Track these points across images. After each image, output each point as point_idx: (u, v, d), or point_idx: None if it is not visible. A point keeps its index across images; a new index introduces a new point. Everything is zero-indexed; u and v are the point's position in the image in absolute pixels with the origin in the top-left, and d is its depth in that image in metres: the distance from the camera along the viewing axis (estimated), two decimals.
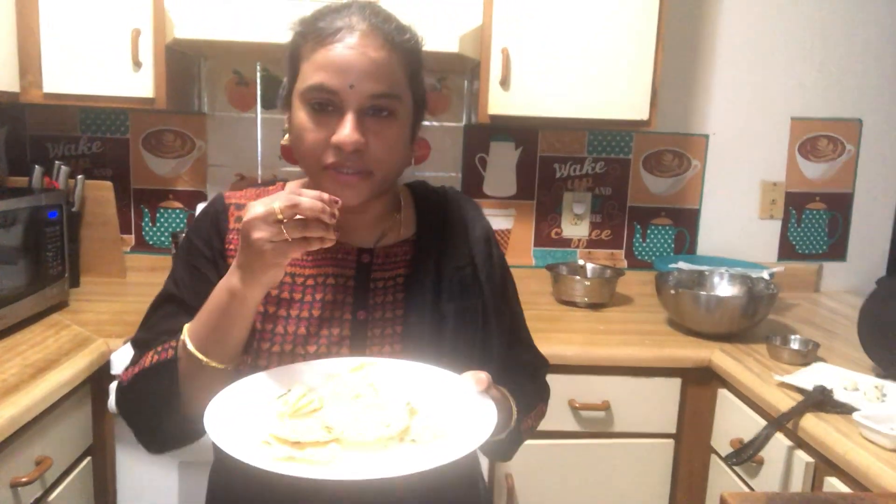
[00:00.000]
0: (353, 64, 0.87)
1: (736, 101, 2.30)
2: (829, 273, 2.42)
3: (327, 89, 0.87)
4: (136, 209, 2.22)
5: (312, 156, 0.90)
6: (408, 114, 0.94)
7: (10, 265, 1.63)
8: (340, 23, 0.89)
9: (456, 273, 0.99)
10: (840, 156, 2.36)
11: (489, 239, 1.05)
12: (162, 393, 0.89)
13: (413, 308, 0.96)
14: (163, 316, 0.97)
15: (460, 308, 0.97)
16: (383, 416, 0.78)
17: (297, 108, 0.91)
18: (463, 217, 1.05)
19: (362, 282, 0.97)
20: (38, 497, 1.32)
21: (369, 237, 1.00)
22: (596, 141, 2.29)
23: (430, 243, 1.01)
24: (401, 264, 0.99)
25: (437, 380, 0.87)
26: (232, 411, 0.79)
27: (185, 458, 1.53)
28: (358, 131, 0.87)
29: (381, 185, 0.94)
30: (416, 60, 0.96)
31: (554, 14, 1.86)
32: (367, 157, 0.89)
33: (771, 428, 1.34)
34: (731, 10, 2.25)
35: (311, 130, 0.89)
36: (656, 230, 2.35)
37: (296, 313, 0.94)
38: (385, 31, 0.90)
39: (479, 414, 0.80)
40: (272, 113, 2.20)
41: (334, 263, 0.98)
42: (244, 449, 0.73)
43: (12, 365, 1.40)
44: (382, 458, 0.75)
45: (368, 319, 0.95)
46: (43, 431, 1.33)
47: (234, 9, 1.71)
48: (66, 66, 1.78)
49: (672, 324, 1.91)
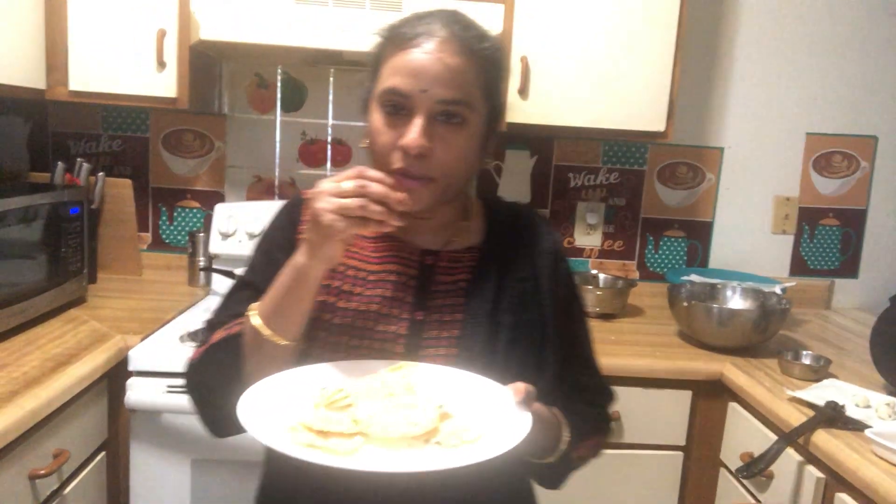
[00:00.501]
0: (428, 69, 0.88)
1: (751, 115, 2.31)
2: (841, 290, 2.42)
3: (400, 93, 0.89)
4: (153, 208, 2.24)
5: (381, 157, 0.92)
6: (479, 123, 0.94)
7: (30, 260, 1.65)
8: (421, 28, 0.91)
9: (517, 285, 0.98)
10: (854, 172, 2.37)
11: (556, 254, 1.03)
12: (227, 368, 0.92)
13: (470, 315, 0.96)
14: (236, 300, 1.01)
15: (517, 321, 0.96)
16: (412, 415, 0.79)
17: (374, 111, 0.94)
18: (532, 230, 1.04)
19: (424, 283, 0.98)
20: (54, 490, 1.34)
21: (435, 241, 1.01)
22: (611, 151, 2.30)
23: (495, 252, 1.01)
24: (464, 270, 1.00)
25: (477, 388, 0.86)
26: (271, 397, 0.81)
27: (198, 455, 1.56)
28: (424, 136, 0.88)
29: (445, 192, 0.94)
30: (495, 70, 0.96)
31: (574, 24, 1.88)
32: (432, 162, 0.90)
33: (782, 442, 1.34)
34: (749, 25, 2.26)
35: (383, 133, 0.91)
36: (669, 242, 2.36)
37: (354, 306, 0.95)
38: (464, 38, 0.91)
39: (512, 424, 0.79)
40: (291, 116, 2.22)
41: (398, 262, 0.98)
42: (268, 431, 0.74)
43: (33, 358, 1.42)
44: (404, 455, 0.75)
45: (426, 321, 0.95)
46: (61, 425, 1.35)
47: (258, 12, 1.73)
48: (92, 65, 1.81)
49: (683, 336, 1.92)
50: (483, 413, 0.82)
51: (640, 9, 1.88)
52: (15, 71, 1.68)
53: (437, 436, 0.78)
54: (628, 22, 1.89)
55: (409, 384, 0.84)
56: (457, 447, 0.76)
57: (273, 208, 2.10)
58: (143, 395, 1.52)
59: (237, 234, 2.06)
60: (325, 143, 2.24)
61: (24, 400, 1.22)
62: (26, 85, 1.73)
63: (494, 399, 0.84)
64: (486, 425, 0.80)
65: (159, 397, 1.53)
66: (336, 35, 1.75)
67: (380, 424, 0.77)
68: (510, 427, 0.78)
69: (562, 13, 1.87)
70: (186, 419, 1.54)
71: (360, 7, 1.76)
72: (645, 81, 1.91)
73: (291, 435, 0.76)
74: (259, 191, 2.25)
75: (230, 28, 1.74)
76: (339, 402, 0.80)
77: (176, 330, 1.71)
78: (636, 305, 2.20)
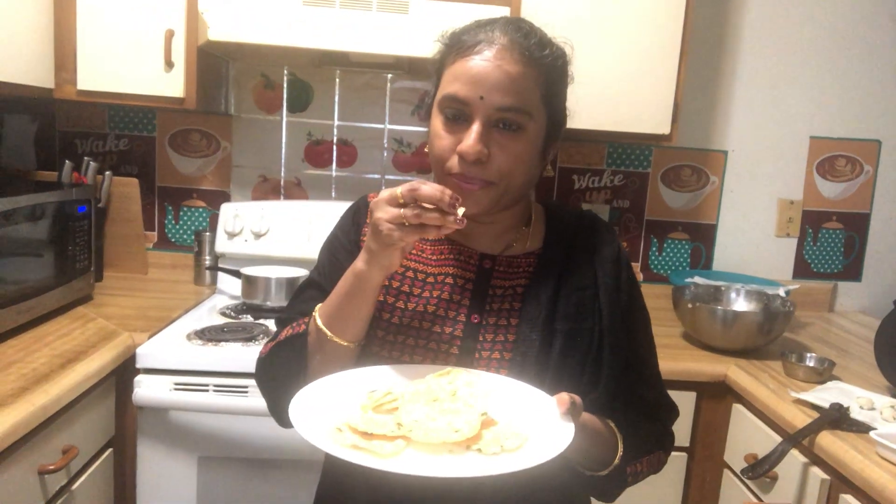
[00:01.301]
0: (487, 76, 0.89)
1: (755, 119, 2.32)
2: (844, 293, 2.43)
3: (459, 100, 0.90)
4: (159, 207, 2.25)
5: (439, 162, 0.93)
6: (539, 130, 0.94)
7: (38, 257, 1.66)
8: (482, 36, 0.91)
9: (575, 293, 0.97)
10: (858, 176, 2.38)
11: (618, 262, 1.01)
12: (293, 364, 0.95)
13: (526, 320, 0.95)
14: (304, 300, 1.04)
15: (574, 328, 0.95)
16: (455, 421, 0.79)
17: (435, 116, 0.94)
18: (593, 237, 1.03)
19: (481, 286, 0.98)
20: (62, 485, 1.35)
21: (494, 246, 1.01)
22: (615, 154, 2.31)
23: (554, 259, 1.00)
24: (522, 275, 1.00)
25: (524, 396, 0.86)
26: (324, 397, 0.84)
27: (205, 452, 1.57)
28: (481, 142, 0.89)
29: (503, 198, 0.94)
30: (556, 77, 0.96)
31: (579, 26, 1.89)
32: (490, 168, 0.90)
33: (787, 444, 1.35)
34: (753, 29, 2.27)
35: (442, 138, 0.92)
36: (673, 244, 2.37)
37: (412, 306, 0.97)
38: (524, 45, 0.91)
39: (554, 436, 0.78)
40: (297, 116, 2.23)
41: (455, 265, 1.00)
42: (314, 430, 0.76)
43: (41, 355, 1.43)
44: (443, 460, 0.76)
45: (482, 324, 0.96)
46: (69, 421, 1.36)
47: (265, 13, 1.74)
48: (101, 65, 1.82)
49: (687, 338, 1.93)
50: (527, 422, 0.82)
51: (646, 13, 1.89)
52: (23, 70, 1.69)
53: (478, 442, 0.78)
54: (634, 25, 1.90)
55: (454, 390, 0.84)
56: (497, 455, 0.77)
57: (276, 208, 2.13)
58: (151, 392, 1.53)
59: (243, 233, 2.07)
60: (330, 143, 2.25)
61: (34, 396, 1.23)
62: (34, 84, 1.74)
63: (540, 409, 0.83)
64: (529, 435, 0.80)
65: (166, 394, 1.53)
66: (342, 36, 1.76)
67: (422, 429, 0.78)
68: (552, 438, 0.78)
69: (567, 16, 1.88)
70: (193, 416, 1.55)
71: (366, 9, 1.77)
72: (650, 84, 1.92)
73: (337, 435, 0.77)
74: (265, 191, 2.26)
75: (238, 29, 1.75)
76: (385, 404, 0.82)
77: (183, 328, 1.72)
78: None
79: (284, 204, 2.14)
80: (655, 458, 1.02)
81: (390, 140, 2.27)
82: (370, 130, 2.25)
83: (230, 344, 1.62)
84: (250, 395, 1.54)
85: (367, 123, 2.25)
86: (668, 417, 1.08)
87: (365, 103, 2.24)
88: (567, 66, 1.00)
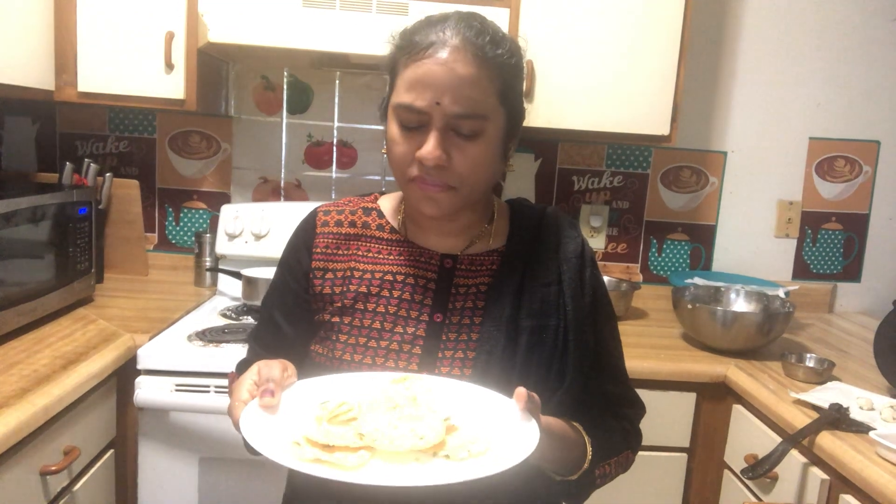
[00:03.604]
0: (441, 81, 0.88)
1: (755, 120, 2.32)
2: (843, 294, 2.43)
3: (415, 110, 0.89)
4: (160, 208, 2.25)
5: (399, 168, 0.93)
6: (497, 130, 0.93)
7: (39, 259, 1.66)
8: (434, 37, 0.90)
9: (539, 289, 0.97)
10: (857, 177, 2.38)
11: (582, 257, 1.01)
12: None
13: (490, 318, 0.95)
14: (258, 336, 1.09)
15: (538, 325, 0.95)
16: (418, 428, 0.77)
17: (391, 120, 0.94)
18: (557, 234, 1.02)
19: (443, 286, 0.98)
20: (64, 486, 1.35)
21: (456, 244, 1.01)
22: (615, 155, 2.31)
23: (518, 256, 0.99)
24: (485, 273, 0.99)
25: (484, 400, 0.85)
26: (268, 416, 0.80)
27: (205, 453, 1.57)
28: (440, 148, 0.88)
29: (466, 200, 0.94)
30: (511, 74, 0.94)
31: (579, 28, 1.89)
32: (450, 173, 0.90)
33: (787, 444, 1.35)
34: (753, 30, 2.28)
35: (400, 144, 0.91)
36: (672, 245, 2.37)
37: (372, 307, 0.96)
38: (477, 45, 0.89)
39: (519, 437, 0.77)
40: (297, 118, 2.23)
41: (416, 265, 0.99)
42: (273, 447, 0.73)
43: (43, 356, 1.43)
44: (411, 469, 0.74)
45: (445, 323, 0.95)
46: (71, 422, 1.36)
47: (266, 14, 1.75)
48: (101, 67, 1.82)
49: (687, 338, 1.93)
50: (490, 425, 0.80)
51: (645, 13, 1.90)
52: (24, 72, 1.70)
53: (444, 449, 0.76)
54: (633, 26, 1.90)
55: (413, 396, 0.82)
56: (465, 460, 0.75)
57: (277, 210, 2.13)
58: (152, 393, 1.53)
59: (243, 234, 2.07)
60: (330, 145, 2.25)
61: (36, 397, 1.23)
62: (35, 86, 1.74)
63: (501, 412, 0.82)
64: (494, 438, 0.78)
65: (167, 396, 1.53)
66: (342, 38, 1.76)
67: (387, 438, 0.75)
68: (518, 439, 0.77)
69: (567, 17, 1.88)
70: (194, 417, 1.55)
71: (366, 10, 1.77)
72: (649, 85, 1.93)
73: (295, 450, 0.74)
74: (265, 192, 2.26)
75: (238, 30, 1.75)
76: (342, 415, 0.79)
77: (184, 329, 1.72)
78: (640, 308, 2.21)
79: (285, 205, 2.14)
80: (624, 457, 1.02)
81: None
82: (370, 132, 2.26)
83: (231, 345, 1.62)
84: None
85: (367, 125, 2.26)
86: (636, 415, 1.08)
87: (365, 104, 2.24)
88: (522, 61, 0.97)
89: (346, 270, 0.99)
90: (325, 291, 0.99)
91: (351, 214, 1.04)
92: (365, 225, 1.03)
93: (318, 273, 1.00)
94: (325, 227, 1.03)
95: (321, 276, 1.00)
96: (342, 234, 1.02)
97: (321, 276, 1.00)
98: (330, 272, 1.00)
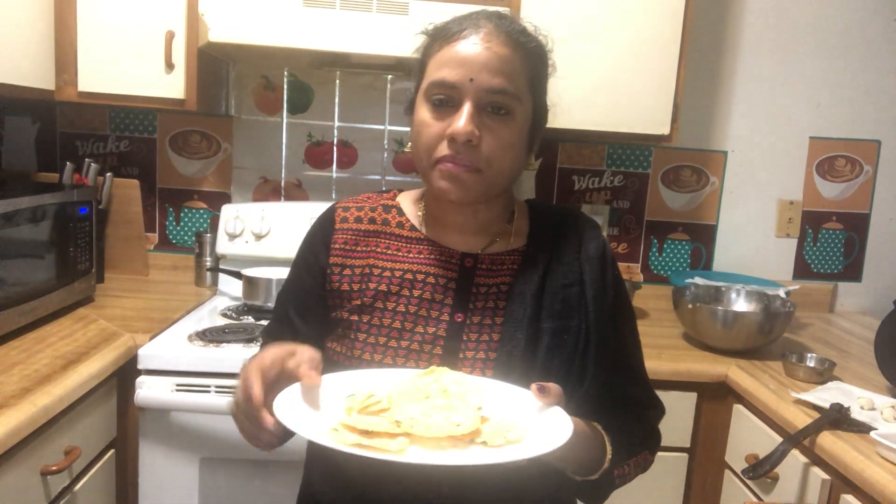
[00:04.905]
0: (476, 57, 0.89)
1: (755, 119, 2.32)
2: (844, 293, 2.43)
3: (448, 84, 0.89)
4: (160, 208, 2.25)
5: (427, 150, 0.92)
6: (526, 118, 0.94)
7: (39, 259, 1.66)
8: (467, 23, 0.92)
9: (561, 290, 0.96)
10: (857, 176, 2.38)
11: (604, 258, 1.00)
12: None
13: (511, 318, 0.94)
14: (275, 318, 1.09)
15: (559, 327, 0.94)
16: (453, 416, 0.78)
17: (420, 106, 0.94)
18: (578, 234, 1.01)
19: (464, 285, 0.97)
20: (65, 486, 1.35)
21: (476, 243, 1.00)
22: (615, 154, 2.31)
23: (539, 256, 0.99)
24: (506, 273, 0.98)
25: (510, 394, 0.86)
26: (300, 405, 0.81)
27: (206, 453, 1.57)
28: (472, 123, 0.88)
29: (490, 186, 0.93)
30: (541, 66, 0.97)
31: (580, 27, 1.89)
32: (479, 152, 0.89)
33: (788, 444, 1.35)
34: (753, 30, 2.28)
35: (431, 125, 0.91)
36: (673, 245, 2.37)
37: (392, 306, 0.95)
38: (510, 30, 0.92)
39: (552, 425, 0.78)
40: (298, 118, 2.23)
41: (437, 264, 0.98)
42: (317, 432, 0.74)
43: (44, 356, 1.43)
44: (452, 455, 0.74)
45: (465, 322, 0.95)
46: (72, 422, 1.36)
47: (266, 14, 1.75)
48: (101, 67, 1.82)
49: (688, 338, 1.93)
50: (519, 416, 0.81)
51: (646, 13, 1.89)
52: (24, 72, 1.69)
53: (480, 436, 0.77)
54: (633, 26, 1.90)
55: (443, 387, 0.83)
56: (502, 447, 0.76)
57: (277, 210, 2.14)
58: (153, 393, 1.53)
59: (244, 234, 2.07)
60: (331, 144, 2.25)
61: (37, 397, 1.23)
62: (35, 86, 1.74)
63: (527, 404, 0.83)
64: (526, 426, 0.79)
65: (168, 396, 1.53)
66: (343, 37, 1.76)
67: (423, 425, 0.76)
68: (551, 427, 0.78)
69: (567, 17, 1.88)
70: (195, 417, 1.55)
71: (366, 10, 1.77)
72: (650, 85, 1.92)
73: (335, 435, 0.74)
74: (265, 192, 2.26)
75: (238, 30, 1.75)
76: (371, 406, 0.79)
77: (184, 329, 1.72)
78: (640, 308, 2.21)
79: (285, 205, 2.14)
80: (642, 458, 1.02)
81: (391, 141, 2.27)
82: (370, 131, 2.26)
83: (231, 345, 1.62)
84: None
85: (367, 124, 2.26)
86: (655, 416, 1.07)
87: (365, 104, 2.24)
88: (548, 57, 1.00)
89: (364, 267, 0.99)
90: (342, 288, 0.98)
91: (371, 211, 1.03)
92: (385, 222, 1.02)
93: (335, 269, 0.99)
94: (344, 223, 1.02)
95: (339, 272, 0.99)
96: (361, 230, 1.01)
97: (339, 272, 0.99)
98: (348, 269, 0.99)
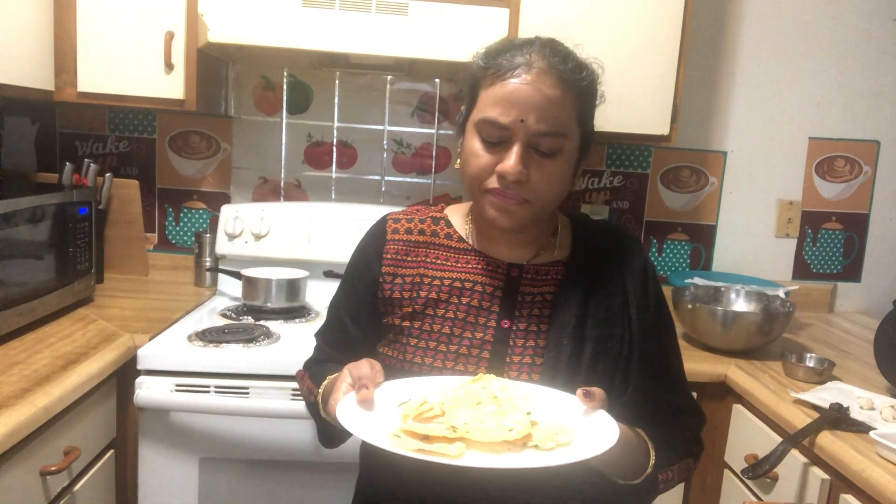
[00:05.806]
0: (527, 99, 0.92)
1: (754, 120, 2.32)
2: (844, 293, 2.43)
3: (500, 125, 0.93)
4: (160, 208, 2.25)
5: (477, 179, 0.96)
6: (573, 149, 0.99)
7: (39, 259, 1.66)
8: (520, 59, 0.94)
9: (605, 300, 1.01)
10: (857, 177, 2.38)
11: (646, 271, 1.06)
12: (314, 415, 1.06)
13: (557, 325, 0.99)
14: (327, 338, 1.15)
15: (603, 334, 0.99)
16: (504, 421, 0.81)
17: (471, 135, 0.97)
18: (620, 247, 1.07)
19: (510, 293, 1.02)
20: (64, 486, 1.35)
21: (521, 255, 1.05)
22: (615, 155, 2.31)
23: (582, 267, 1.04)
24: (551, 282, 1.03)
25: (557, 399, 0.89)
26: (359, 412, 0.85)
27: (206, 453, 1.57)
28: (522, 163, 0.93)
29: (539, 214, 0.99)
30: (589, 98, 1.01)
31: (578, 27, 1.89)
32: (527, 187, 0.94)
33: (787, 444, 1.35)
34: (752, 30, 2.28)
35: (480, 157, 0.96)
36: (672, 245, 2.37)
37: (442, 313, 1.01)
38: (561, 70, 0.95)
39: (599, 428, 0.81)
40: (297, 118, 2.23)
41: (483, 273, 1.03)
42: (382, 438, 0.77)
43: (43, 356, 1.43)
44: (507, 459, 0.77)
45: (512, 329, 1.00)
46: (71, 423, 1.36)
47: (265, 14, 1.75)
48: (101, 67, 1.82)
49: (687, 338, 1.93)
50: (567, 420, 0.84)
51: (645, 13, 1.90)
52: (23, 72, 1.69)
53: (532, 440, 0.80)
54: (633, 26, 1.90)
55: (492, 393, 0.86)
56: (553, 450, 0.78)
57: (277, 210, 2.14)
58: (152, 393, 1.53)
59: (243, 234, 2.07)
60: (330, 145, 2.25)
61: (36, 397, 1.23)
62: (35, 86, 1.74)
63: (572, 408, 0.86)
64: (575, 430, 0.82)
65: (167, 396, 1.53)
66: (342, 38, 1.76)
67: (477, 430, 0.79)
68: (597, 430, 0.81)
69: (567, 17, 1.88)
70: (194, 418, 1.55)
71: (366, 11, 1.77)
72: (649, 85, 1.92)
73: (396, 441, 0.78)
74: (265, 192, 2.26)
75: (238, 30, 1.75)
76: (425, 412, 0.83)
77: (184, 330, 1.72)
78: None
79: (284, 205, 2.14)
80: (685, 465, 1.04)
81: (390, 141, 2.27)
82: (370, 132, 2.26)
83: (231, 345, 1.62)
84: (251, 397, 1.54)
85: (366, 125, 2.26)
86: (697, 423, 1.11)
87: (365, 105, 2.24)
88: (597, 88, 1.03)
89: (415, 276, 1.04)
90: (394, 296, 1.04)
91: (420, 223, 1.09)
92: (434, 233, 1.08)
93: (387, 278, 1.05)
94: (396, 234, 1.08)
95: (391, 280, 1.05)
96: (411, 241, 1.07)
97: (391, 280, 1.05)
98: (399, 277, 1.05)
